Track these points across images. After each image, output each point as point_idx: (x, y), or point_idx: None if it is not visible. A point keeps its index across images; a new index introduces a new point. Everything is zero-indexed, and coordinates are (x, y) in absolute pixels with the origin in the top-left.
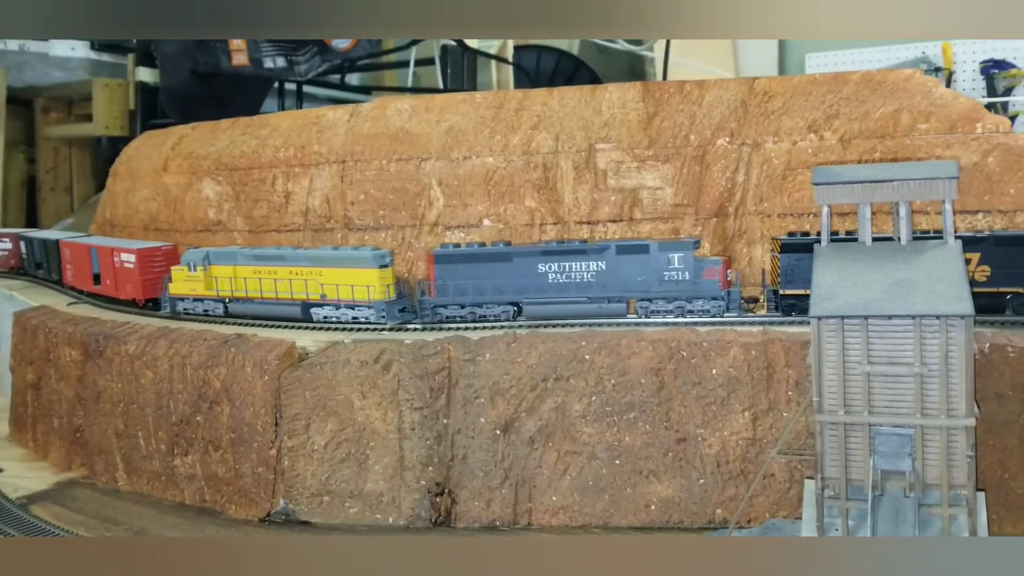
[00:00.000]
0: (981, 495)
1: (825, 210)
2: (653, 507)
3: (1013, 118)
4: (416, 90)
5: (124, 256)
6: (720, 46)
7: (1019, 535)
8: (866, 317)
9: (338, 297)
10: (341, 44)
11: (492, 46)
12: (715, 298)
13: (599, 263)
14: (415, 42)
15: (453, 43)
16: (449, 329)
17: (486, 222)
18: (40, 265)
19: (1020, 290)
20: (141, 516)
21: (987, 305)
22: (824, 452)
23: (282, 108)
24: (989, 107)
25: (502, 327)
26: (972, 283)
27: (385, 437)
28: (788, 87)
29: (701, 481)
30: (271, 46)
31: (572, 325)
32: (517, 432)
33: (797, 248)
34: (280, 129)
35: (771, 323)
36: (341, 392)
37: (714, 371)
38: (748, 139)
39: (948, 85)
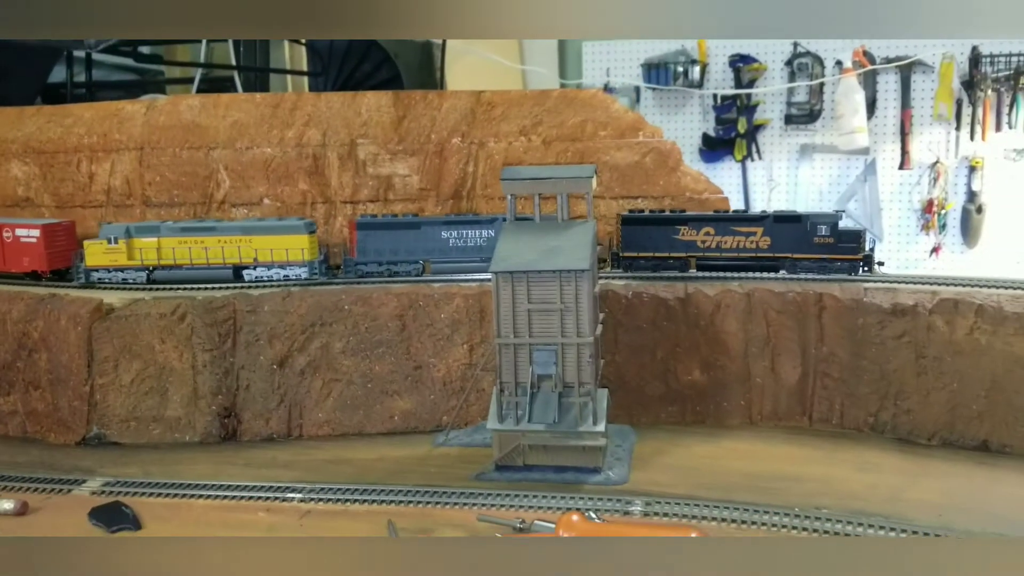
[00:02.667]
0: (603, 391)
1: (509, 197)
2: (396, 418)
3: (756, 105)
4: (209, 65)
5: (21, 231)
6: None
7: (650, 423)
8: (526, 272)
9: (272, 260)
10: None
11: None
12: None
13: (489, 231)
14: None
15: None
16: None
17: (266, 201)
18: None
19: (791, 255)
20: None
21: (769, 266)
22: (502, 365)
23: (71, 78)
24: (735, 96)
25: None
26: (758, 250)
27: (181, 374)
28: (506, 99)
29: (432, 397)
30: None
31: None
32: (290, 366)
33: (632, 222)
34: (83, 119)
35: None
36: (144, 339)
37: (442, 315)
38: (476, 139)
39: (703, 76)
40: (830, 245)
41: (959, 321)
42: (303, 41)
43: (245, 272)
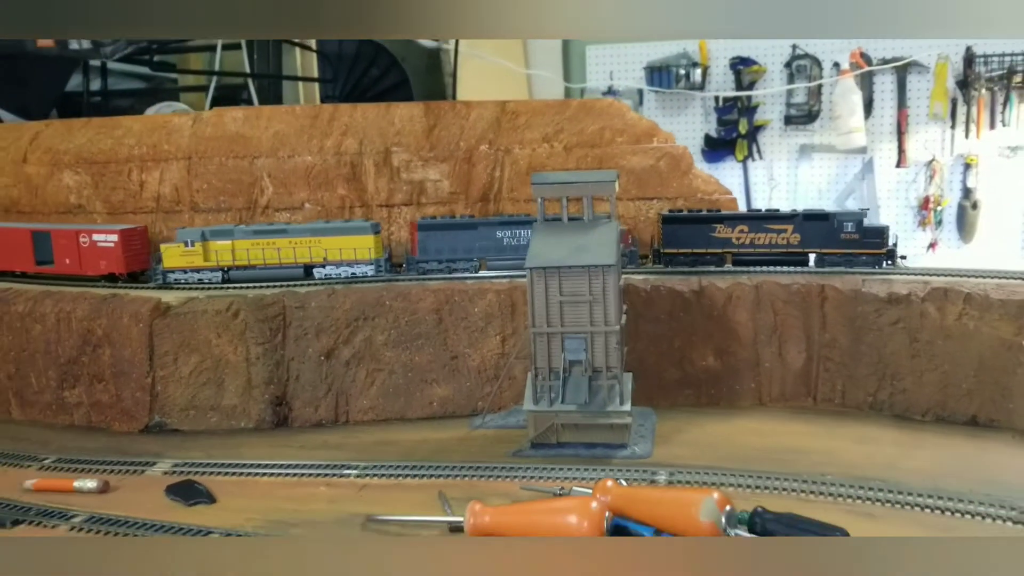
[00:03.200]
0: (628, 375)
1: (539, 200)
2: (435, 404)
3: (756, 106)
4: (222, 73)
5: (98, 237)
6: (510, 41)
7: (669, 406)
8: (559, 268)
9: (341, 258)
10: None
11: None
12: (624, 255)
13: (521, 230)
14: None
15: None
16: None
17: (307, 205)
18: None
19: (819, 250)
20: (37, 435)
21: (799, 260)
22: (536, 352)
23: (87, 87)
24: (735, 98)
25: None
26: (788, 245)
27: (236, 365)
28: (529, 109)
29: (467, 384)
30: None
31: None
32: (337, 358)
33: (672, 221)
34: (133, 131)
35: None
36: (201, 334)
37: (476, 309)
38: (502, 146)
39: (704, 78)
40: (856, 241)
41: (949, 308)
42: (314, 48)
43: (315, 270)
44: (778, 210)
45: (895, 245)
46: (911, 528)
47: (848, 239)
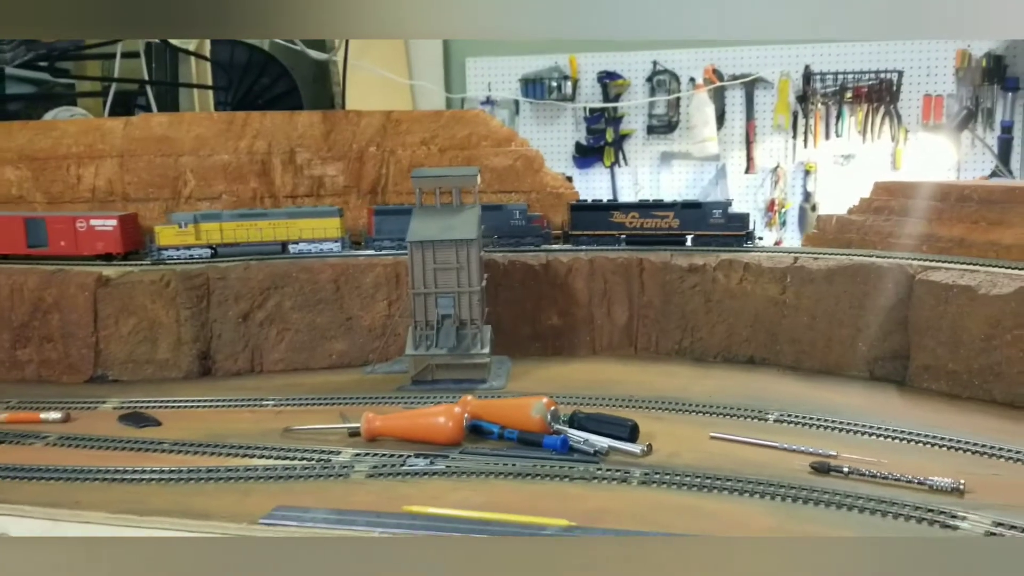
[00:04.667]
0: (488, 326)
1: (418, 191)
2: (334, 356)
3: (621, 117)
4: (122, 80)
5: (96, 222)
6: (394, 51)
7: (521, 356)
8: (433, 241)
9: (312, 237)
10: None
11: (190, 42)
12: (539, 235)
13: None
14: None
15: (156, 41)
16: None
17: (224, 196)
18: None
19: (693, 232)
20: None
21: (678, 240)
22: (415, 309)
23: None
24: (603, 109)
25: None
26: (670, 229)
27: (168, 326)
28: (410, 117)
29: (360, 340)
30: None
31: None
32: (252, 319)
33: (578, 208)
34: (69, 132)
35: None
36: (138, 300)
37: (367, 280)
38: (387, 148)
39: (575, 91)
40: (723, 224)
41: (732, 274)
42: (208, 57)
43: (290, 246)
44: (662, 200)
45: (753, 228)
46: (687, 425)
47: (716, 223)
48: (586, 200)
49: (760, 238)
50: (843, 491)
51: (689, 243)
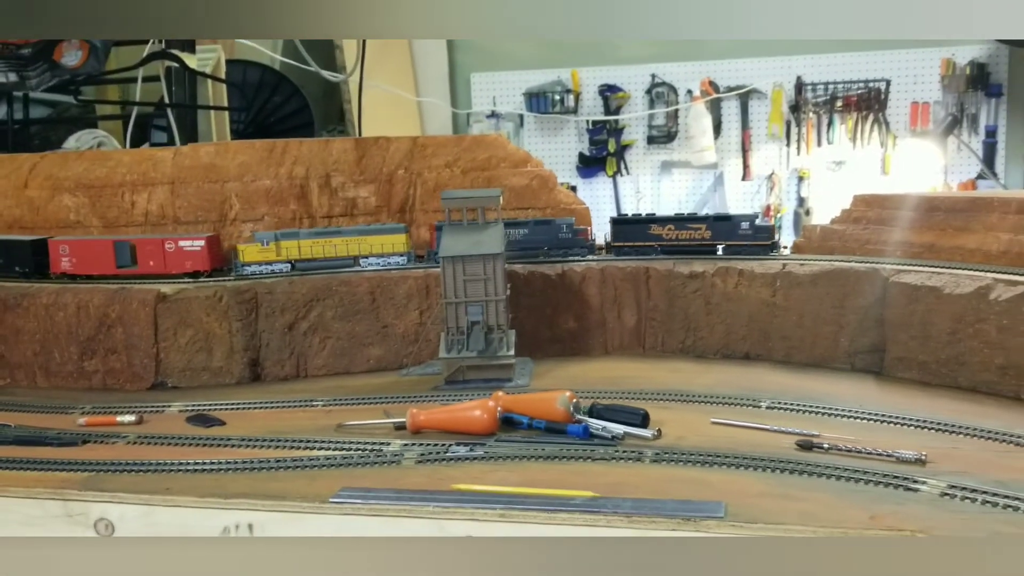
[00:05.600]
0: (512, 331)
1: (447, 211)
2: (371, 361)
3: (622, 128)
4: (138, 103)
5: (184, 243)
6: (401, 69)
7: (541, 357)
8: (463, 256)
9: (381, 252)
10: (71, 61)
11: (208, 65)
12: (583, 247)
13: (523, 230)
14: (144, 62)
15: (176, 65)
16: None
17: (266, 218)
18: None
19: (724, 242)
20: (64, 396)
21: (710, 250)
22: (447, 317)
23: (10, 116)
24: (604, 121)
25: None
26: (703, 239)
27: (222, 337)
28: (435, 142)
29: (395, 346)
30: (1, 62)
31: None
32: (297, 329)
33: (619, 222)
34: (123, 162)
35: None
36: (194, 314)
37: (401, 291)
38: (415, 170)
39: (577, 104)
40: (750, 235)
41: (729, 279)
42: (224, 79)
43: (362, 261)
44: (695, 213)
45: (778, 239)
46: (691, 412)
47: (744, 234)
48: (627, 214)
49: (786, 247)
50: (823, 463)
51: (720, 252)
